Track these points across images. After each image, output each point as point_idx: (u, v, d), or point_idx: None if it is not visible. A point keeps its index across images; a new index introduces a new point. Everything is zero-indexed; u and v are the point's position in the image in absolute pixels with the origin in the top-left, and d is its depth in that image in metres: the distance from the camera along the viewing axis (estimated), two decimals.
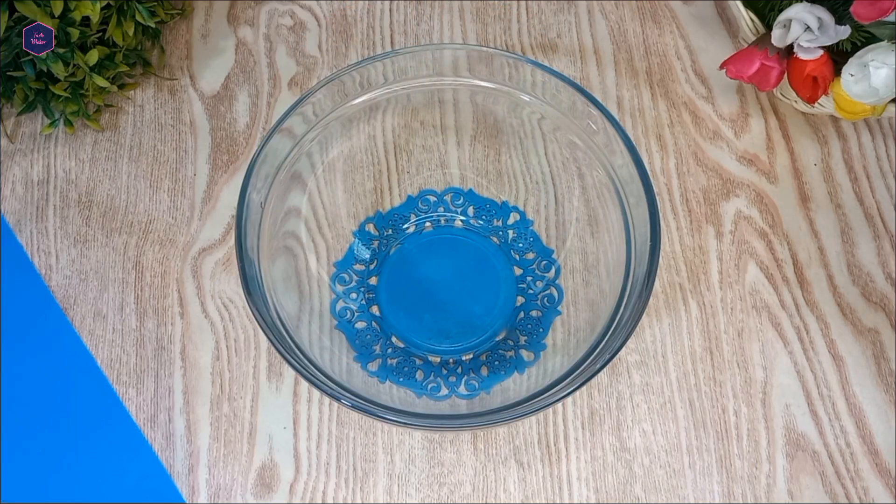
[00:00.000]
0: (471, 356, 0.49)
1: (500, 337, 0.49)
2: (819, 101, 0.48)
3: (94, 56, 0.50)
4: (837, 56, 0.46)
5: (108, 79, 0.53)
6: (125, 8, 0.52)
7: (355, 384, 0.43)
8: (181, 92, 0.57)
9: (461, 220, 0.52)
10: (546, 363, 0.47)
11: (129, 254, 0.52)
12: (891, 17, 0.43)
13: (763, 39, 0.47)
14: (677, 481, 0.46)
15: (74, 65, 0.50)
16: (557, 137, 0.49)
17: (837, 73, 0.46)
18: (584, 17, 0.59)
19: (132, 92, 0.57)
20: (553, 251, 0.50)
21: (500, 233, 0.51)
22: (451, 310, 0.50)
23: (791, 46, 0.46)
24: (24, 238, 0.53)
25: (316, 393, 0.48)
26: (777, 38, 0.46)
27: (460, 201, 0.52)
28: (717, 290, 0.50)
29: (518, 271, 0.51)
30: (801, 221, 0.52)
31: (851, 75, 0.45)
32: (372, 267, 0.51)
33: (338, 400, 0.39)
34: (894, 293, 0.50)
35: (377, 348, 0.49)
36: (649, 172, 0.42)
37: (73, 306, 0.51)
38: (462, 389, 0.47)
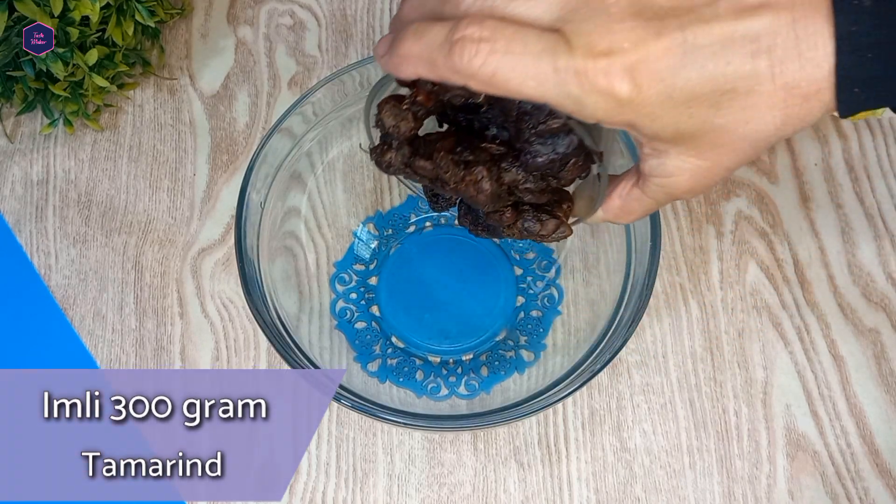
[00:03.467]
0: (471, 356, 0.49)
1: (500, 337, 0.49)
2: None
3: (93, 56, 0.50)
4: None
5: (107, 78, 0.52)
6: (125, 7, 0.52)
7: (355, 384, 0.43)
8: (181, 92, 0.57)
9: None
10: (546, 363, 0.47)
11: (129, 254, 0.52)
12: None
13: None
14: (678, 482, 0.46)
15: (74, 64, 0.50)
16: None
17: None
18: None
19: (132, 92, 0.57)
20: (553, 251, 0.50)
21: None
22: (451, 310, 0.49)
23: None
24: (24, 238, 0.53)
25: None
26: None
27: None
28: (718, 290, 0.50)
29: (518, 271, 0.50)
30: (802, 221, 0.52)
31: None
32: (372, 267, 0.51)
33: (338, 400, 0.39)
34: (895, 293, 0.50)
35: (377, 348, 0.48)
36: None
37: (72, 306, 0.51)
38: (462, 389, 0.47)
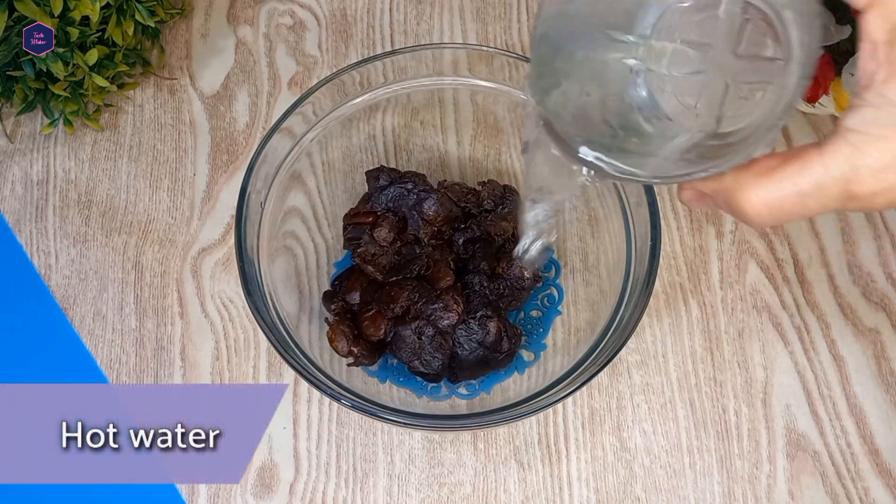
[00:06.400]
0: None
1: None
2: (819, 100, 0.48)
3: (93, 55, 0.50)
4: (838, 56, 0.46)
5: (107, 78, 0.52)
6: (125, 7, 0.52)
7: (355, 384, 0.43)
8: (181, 91, 0.57)
9: None
10: (546, 363, 0.47)
11: (129, 254, 0.52)
12: None
13: None
14: (678, 481, 0.46)
15: (74, 64, 0.50)
16: None
17: (838, 72, 0.46)
18: None
19: (132, 91, 0.57)
20: (553, 251, 0.50)
21: None
22: None
23: None
24: (24, 238, 0.53)
25: (316, 393, 0.48)
26: None
27: None
28: (718, 289, 0.50)
29: None
30: (802, 221, 0.52)
31: (852, 75, 0.45)
32: None
33: (338, 400, 0.39)
34: (895, 293, 0.50)
35: None
36: None
37: (72, 306, 0.51)
38: (462, 389, 0.47)
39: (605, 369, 0.39)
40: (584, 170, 0.31)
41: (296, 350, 0.41)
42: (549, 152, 0.32)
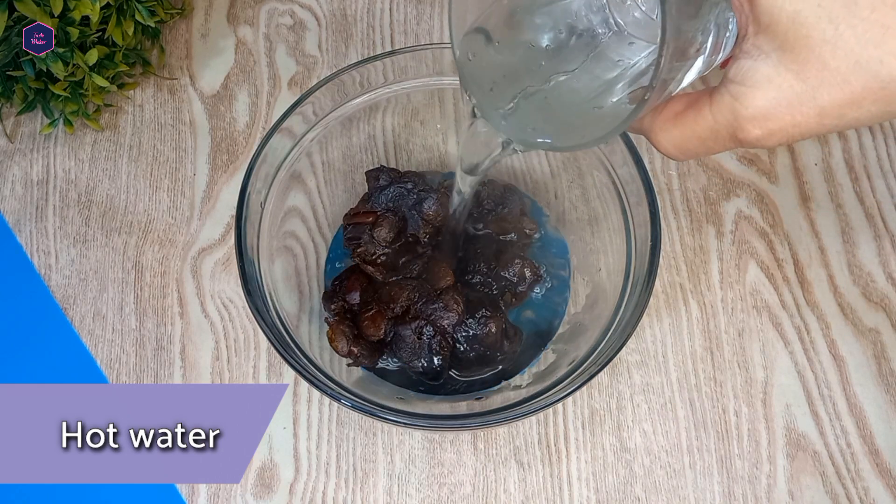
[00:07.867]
0: None
1: None
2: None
3: (93, 55, 0.50)
4: None
5: (107, 78, 0.52)
6: (125, 7, 0.52)
7: (355, 384, 0.43)
8: (181, 91, 0.57)
9: None
10: (546, 363, 0.47)
11: (129, 254, 0.52)
12: None
13: None
14: (678, 481, 0.46)
15: (74, 64, 0.50)
16: None
17: None
18: None
19: (132, 91, 0.57)
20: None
21: None
22: None
23: None
24: (24, 238, 0.53)
25: (316, 393, 0.48)
26: None
27: None
28: (718, 289, 0.50)
29: None
30: (802, 221, 0.52)
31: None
32: None
33: (338, 400, 0.39)
34: (895, 293, 0.50)
35: None
36: (650, 172, 0.42)
37: (72, 306, 0.51)
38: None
39: (605, 369, 0.39)
40: (506, 140, 0.34)
41: (296, 350, 0.41)
42: (482, 131, 0.35)
